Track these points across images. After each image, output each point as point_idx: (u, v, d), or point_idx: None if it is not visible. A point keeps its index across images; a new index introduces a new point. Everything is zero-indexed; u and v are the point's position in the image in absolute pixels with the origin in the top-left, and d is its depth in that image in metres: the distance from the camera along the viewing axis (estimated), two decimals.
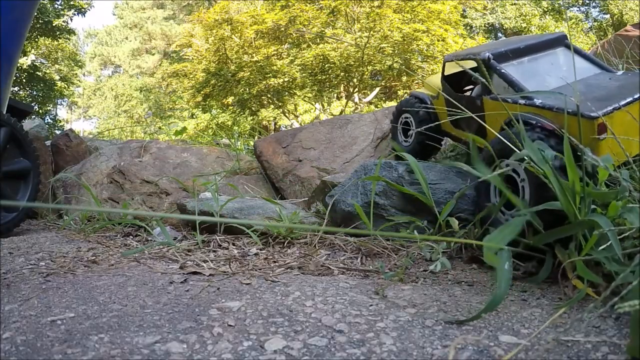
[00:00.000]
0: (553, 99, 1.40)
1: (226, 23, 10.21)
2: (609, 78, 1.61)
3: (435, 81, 2.23)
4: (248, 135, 6.65)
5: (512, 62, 1.67)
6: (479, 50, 1.75)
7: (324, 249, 1.63)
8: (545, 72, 1.67)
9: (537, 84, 1.60)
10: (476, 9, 13.82)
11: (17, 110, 2.56)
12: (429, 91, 2.26)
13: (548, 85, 1.60)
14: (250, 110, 11.76)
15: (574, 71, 1.66)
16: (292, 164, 2.87)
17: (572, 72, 1.67)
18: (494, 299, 0.88)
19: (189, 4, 20.93)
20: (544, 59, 1.73)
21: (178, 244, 1.77)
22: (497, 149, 1.34)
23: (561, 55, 1.77)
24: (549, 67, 1.71)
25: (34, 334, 0.88)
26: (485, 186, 1.43)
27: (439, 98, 2.13)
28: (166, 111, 18.46)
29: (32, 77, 13.61)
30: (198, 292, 1.15)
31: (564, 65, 1.73)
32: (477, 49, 1.85)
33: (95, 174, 2.87)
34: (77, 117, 26.98)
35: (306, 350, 0.80)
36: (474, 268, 1.34)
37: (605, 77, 1.63)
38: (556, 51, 1.77)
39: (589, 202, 1.03)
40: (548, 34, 1.84)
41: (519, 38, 1.92)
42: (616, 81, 1.57)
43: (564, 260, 1.05)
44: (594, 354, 0.75)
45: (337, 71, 10.18)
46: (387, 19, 9.40)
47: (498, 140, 1.34)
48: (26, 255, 1.65)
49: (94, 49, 26.99)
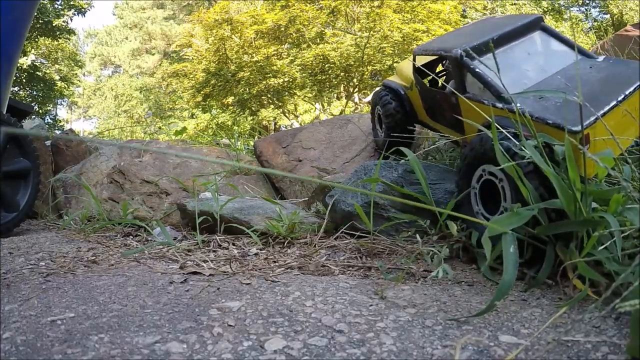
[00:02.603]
0: (532, 104, 1.32)
1: (226, 23, 10.21)
2: (589, 67, 1.52)
3: (407, 70, 2.15)
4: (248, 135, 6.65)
5: (487, 56, 1.53)
6: (450, 46, 1.63)
7: (324, 249, 1.63)
8: (523, 64, 1.57)
9: (514, 80, 1.48)
10: (476, 9, 13.81)
11: (17, 110, 2.56)
12: (402, 81, 2.20)
13: (525, 81, 1.50)
14: (250, 110, 11.77)
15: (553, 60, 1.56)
16: (292, 164, 2.87)
17: (551, 61, 1.58)
18: (502, 285, 0.87)
19: (189, 4, 20.92)
20: (520, 48, 1.61)
21: (178, 244, 1.77)
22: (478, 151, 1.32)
23: (538, 41, 1.65)
24: (526, 57, 1.60)
25: (34, 334, 0.88)
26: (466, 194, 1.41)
27: (412, 89, 2.07)
28: (166, 111, 18.46)
29: (32, 77, 13.61)
30: (198, 292, 1.15)
31: (542, 53, 1.63)
32: (448, 42, 1.73)
33: (95, 174, 2.87)
34: (77, 117, 26.99)
35: (306, 350, 0.80)
36: (473, 268, 1.34)
37: (586, 66, 1.53)
38: (532, 36, 1.65)
39: (589, 201, 1.03)
40: (523, 17, 1.70)
41: (492, 24, 1.79)
42: (598, 72, 1.48)
43: (566, 260, 1.04)
44: (594, 354, 0.75)
45: (337, 71, 10.18)
46: (387, 19, 9.40)
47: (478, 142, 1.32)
48: (26, 255, 1.65)
49: (94, 49, 26.99)
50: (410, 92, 2.12)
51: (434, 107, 1.91)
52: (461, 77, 1.59)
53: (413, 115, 2.16)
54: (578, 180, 1.03)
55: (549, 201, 1.10)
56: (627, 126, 1.34)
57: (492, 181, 1.31)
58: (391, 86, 2.23)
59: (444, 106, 1.79)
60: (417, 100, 2.06)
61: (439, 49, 1.73)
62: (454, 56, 1.58)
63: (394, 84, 2.23)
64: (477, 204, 1.38)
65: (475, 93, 1.55)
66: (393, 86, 2.22)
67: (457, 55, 1.56)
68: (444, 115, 1.83)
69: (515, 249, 0.94)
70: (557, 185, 1.06)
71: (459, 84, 1.61)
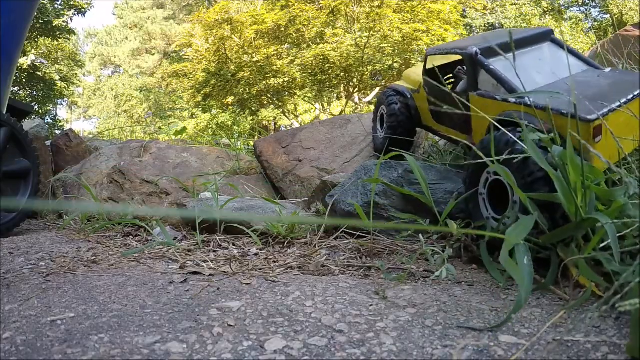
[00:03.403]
0: (545, 98, 1.36)
1: (226, 23, 10.22)
2: (597, 75, 1.57)
3: (415, 74, 2.20)
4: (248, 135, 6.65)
5: (499, 58, 1.60)
6: (465, 45, 1.69)
7: (324, 249, 1.63)
8: (533, 68, 1.63)
9: (525, 81, 1.53)
10: (476, 9, 13.81)
11: (17, 110, 2.56)
12: (409, 84, 2.24)
13: (536, 82, 1.56)
14: (250, 110, 11.77)
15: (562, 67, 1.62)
16: (292, 164, 2.87)
17: (560, 68, 1.63)
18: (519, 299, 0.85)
19: (189, 4, 20.94)
20: (531, 55, 1.68)
21: (178, 244, 1.77)
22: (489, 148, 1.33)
23: (547, 51, 1.71)
24: (536, 62, 1.66)
25: (34, 334, 0.88)
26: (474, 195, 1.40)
27: (419, 92, 2.11)
28: (166, 111, 18.47)
29: (32, 77, 13.61)
30: (198, 292, 1.15)
31: (551, 61, 1.69)
32: (463, 43, 1.79)
33: (95, 174, 2.86)
34: (77, 117, 27.00)
35: (306, 350, 0.80)
36: (474, 268, 1.34)
37: (593, 75, 1.59)
38: (542, 46, 1.72)
39: (590, 201, 1.03)
40: (534, 29, 1.79)
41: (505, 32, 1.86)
42: (605, 79, 1.53)
43: (567, 260, 1.04)
44: (594, 354, 0.75)
45: (337, 71, 10.19)
46: (387, 19, 9.41)
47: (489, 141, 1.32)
48: (26, 255, 1.65)
49: (94, 49, 27.00)
50: (416, 95, 2.15)
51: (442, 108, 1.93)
52: (474, 75, 1.63)
53: (417, 118, 2.19)
54: (579, 180, 1.03)
55: (549, 194, 1.09)
56: (633, 128, 1.35)
57: (499, 181, 1.31)
58: (398, 89, 2.27)
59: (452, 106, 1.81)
60: (423, 103, 2.08)
61: (453, 48, 1.79)
62: (469, 53, 1.63)
63: (400, 87, 2.27)
64: (486, 209, 1.37)
65: (487, 90, 1.58)
66: (400, 89, 2.26)
67: (473, 52, 1.62)
68: (451, 117, 1.85)
69: (530, 260, 0.93)
70: (557, 184, 1.06)
71: (471, 82, 1.65)
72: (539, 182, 1.15)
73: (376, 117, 2.50)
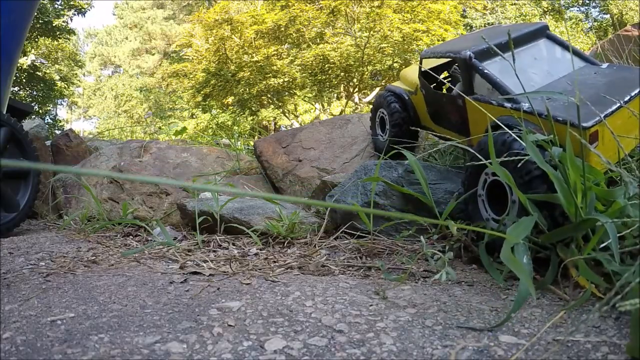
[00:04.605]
0: (541, 103, 1.34)
1: (226, 23, 10.21)
2: (594, 72, 1.55)
3: (412, 75, 2.18)
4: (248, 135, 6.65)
5: (494, 60, 1.57)
6: (458, 48, 1.65)
7: (324, 249, 1.63)
8: (529, 68, 1.60)
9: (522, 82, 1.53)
10: (476, 9, 13.81)
11: (17, 110, 2.56)
12: (406, 86, 2.22)
13: (533, 83, 1.53)
14: (250, 110, 11.77)
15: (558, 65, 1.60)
16: (292, 164, 2.86)
17: (556, 66, 1.61)
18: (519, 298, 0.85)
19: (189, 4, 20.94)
20: (526, 53, 1.64)
21: (178, 244, 1.77)
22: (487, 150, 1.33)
23: (543, 48, 1.68)
24: (532, 61, 1.63)
25: (34, 334, 0.88)
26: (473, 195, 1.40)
27: (417, 94, 2.09)
28: (166, 111, 18.47)
29: (32, 77, 13.61)
30: (198, 292, 1.15)
31: (547, 58, 1.66)
32: (456, 45, 1.76)
33: None
34: (77, 117, 27.00)
35: (306, 350, 0.80)
36: (473, 268, 1.34)
37: (590, 72, 1.56)
38: (538, 43, 1.69)
39: (590, 201, 1.03)
40: (529, 25, 1.74)
41: (499, 30, 1.83)
42: (602, 77, 1.50)
43: (566, 260, 1.04)
44: (594, 354, 0.75)
45: (337, 71, 10.19)
46: (387, 19, 9.40)
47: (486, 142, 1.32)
48: (26, 255, 1.65)
49: (94, 49, 27.00)
50: (414, 97, 2.14)
51: (439, 110, 1.92)
52: (469, 79, 1.61)
53: (416, 119, 2.18)
54: (579, 180, 1.03)
55: (549, 194, 1.09)
56: (632, 128, 1.35)
57: (498, 182, 1.31)
58: (395, 91, 2.25)
59: (449, 109, 1.79)
60: (421, 104, 2.07)
61: (447, 52, 1.74)
62: (463, 57, 1.59)
63: (398, 88, 2.26)
64: (485, 210, 1.36)
65: (483, 94, 1.55)
66: (397, 91, 2.24)
67: (466, 56, 1.58)
68: (449, 119, 1.84)
69: (529, 259, 0.93)
70: (557, 184, 1.06)
71: (466, 86, 1.62)
72: (537, 180, 1.15)
73: (375, 121, 2.48)
